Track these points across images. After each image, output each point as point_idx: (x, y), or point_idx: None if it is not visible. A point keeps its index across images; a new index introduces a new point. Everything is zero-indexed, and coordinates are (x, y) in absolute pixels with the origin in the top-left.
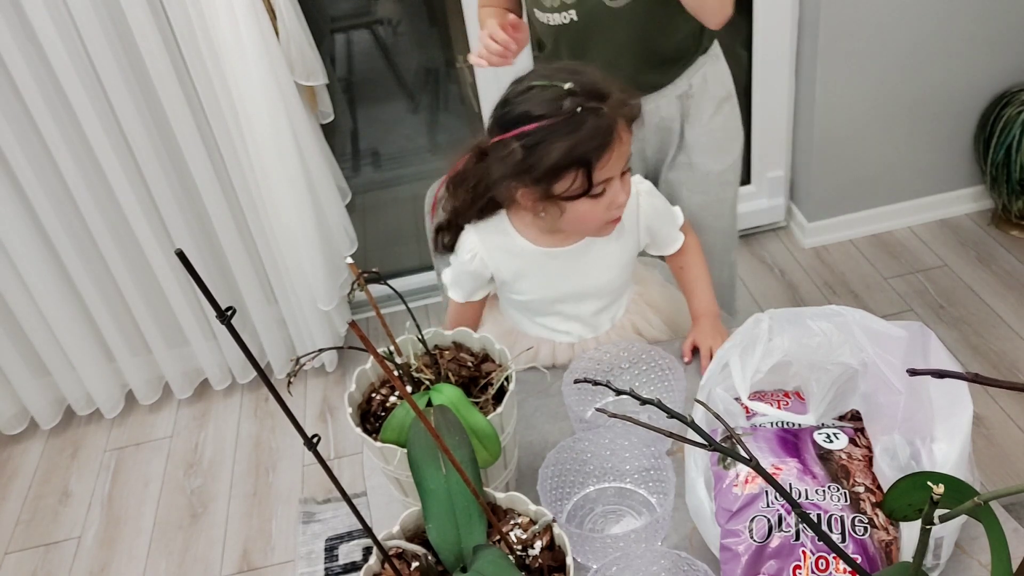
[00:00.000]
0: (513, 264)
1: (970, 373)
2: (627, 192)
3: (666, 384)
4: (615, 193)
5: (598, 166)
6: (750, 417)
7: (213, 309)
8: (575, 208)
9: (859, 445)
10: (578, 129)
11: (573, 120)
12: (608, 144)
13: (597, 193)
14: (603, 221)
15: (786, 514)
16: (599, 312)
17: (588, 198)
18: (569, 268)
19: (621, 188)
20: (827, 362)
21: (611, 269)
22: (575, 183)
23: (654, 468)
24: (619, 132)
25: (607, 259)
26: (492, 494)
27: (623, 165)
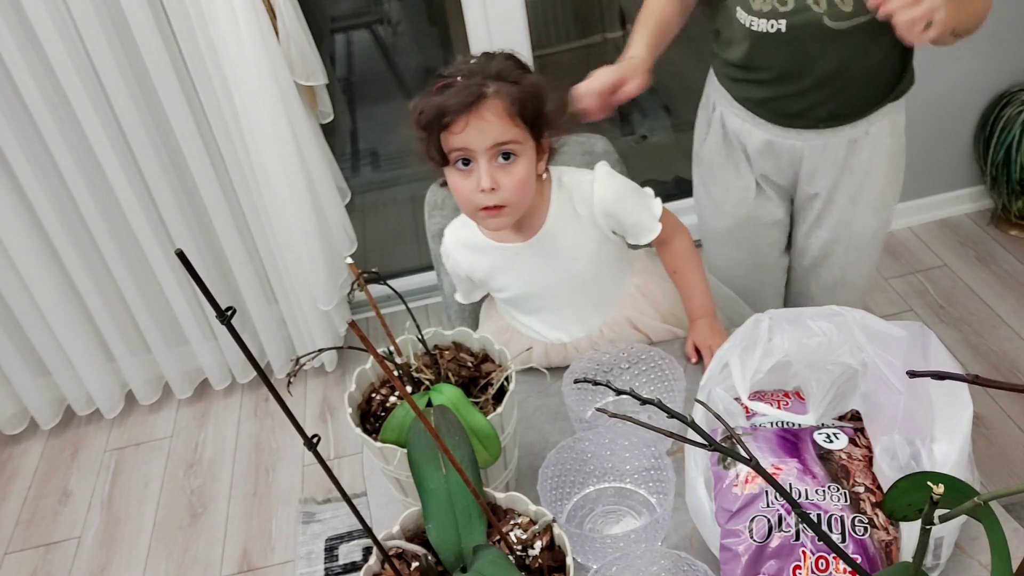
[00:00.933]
0: (481, 261)
1: (970, 374)
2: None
3: (666, 384)
4: (480, 175)
5: (451, 130)
6: (750, 417)
7: (213, 309)
8: (451, 180)
9: (859, 445)
10: (448, 93)
11: (450, 85)
12: (464, 110)
13: (457, 163)
14: (473, 204)
15: (786, 514)
16: (588, 309)
17: (456, 170)
18: (531, 261)
19: (486, 171)
20: (827, 362)
21: (576, 260)
22: (433, 147)
23: (654, 468)
24: (484, 106)
25: (568, 250)
26: (492, 494)
27: (488, 144)
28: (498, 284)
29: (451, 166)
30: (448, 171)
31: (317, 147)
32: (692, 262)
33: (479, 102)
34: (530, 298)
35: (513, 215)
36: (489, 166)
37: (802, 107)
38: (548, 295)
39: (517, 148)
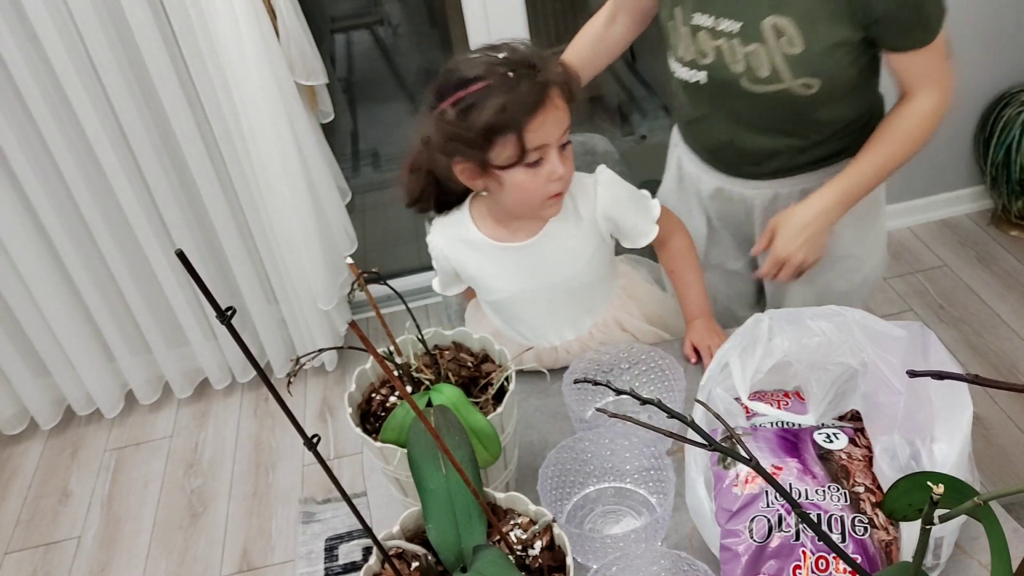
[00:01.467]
0: (474, 258)
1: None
2: (567, 166)
3: (666, 384)
4: (553, 164)
5: (530, 128)
6: (750, 417)
7: (213, 309)
8: (513, 179)
9: (859, 445)
10: (511, 90)
11: (506, 82)
12: (540, 104)
13: (533, 161)
14: (543, 195)
15: (786, 514)
16: (577, 311)
17: (524, 167)
18: (528, 263)
19: (559, 160)
20: (827, 362)
21: (575, 262)
22: (508, 149)
23: (654, 468)
24: (552, 96)
25: (567, 252)
26: (492, 494)
27: (559, 134)
28: (489, 285)
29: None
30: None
31: (317, 147)
32: (689, 262)
33: (548, 92)
34: (521, 301)
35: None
36: (559, 156)
37: (744, 159)
38: (541, 298)
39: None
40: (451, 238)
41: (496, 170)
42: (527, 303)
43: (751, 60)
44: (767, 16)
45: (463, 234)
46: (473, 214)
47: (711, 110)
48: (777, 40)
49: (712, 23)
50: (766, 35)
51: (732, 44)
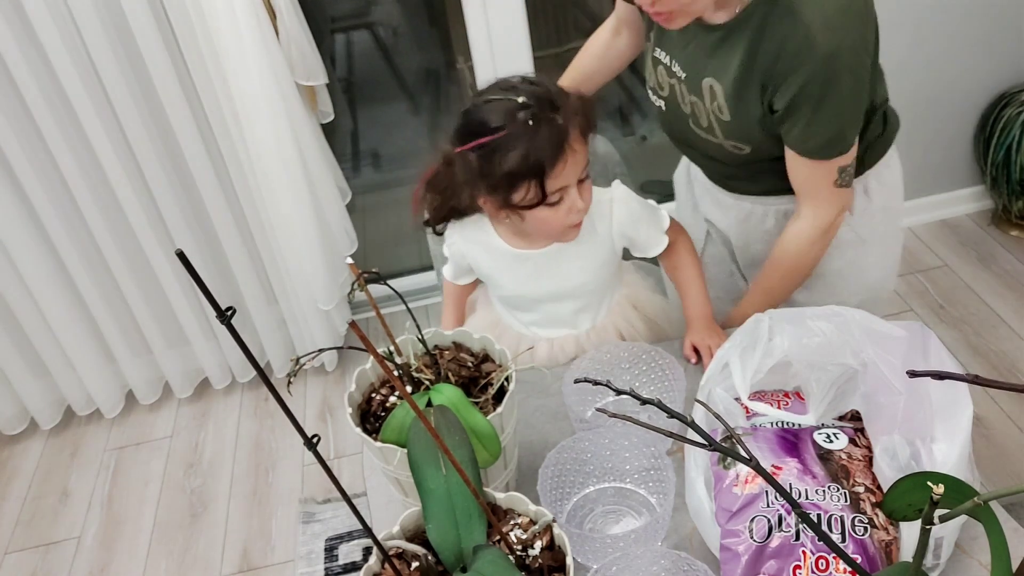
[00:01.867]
0: (490, 261)
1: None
2: (587, 197)
3: (666, 384)
4: (572, 200)
5: (551, 175)
6: (750, 417)
7: (213, 309)
8: (534, 216)
9: (859, 445)
10: (531, 139)
11: (527, 130)
12: (560, 154)
13: (554, 201)
14: (564, 226)
15: (786, 514)
16: (578, 312)
17: (546, 206)
18: (542, 270)
19: (579, 195)
20: (827, 362)
21: (584, 271)
22: (530, 193)
23: (654, 468)
24: (572, 142)
25: (579, 262)
26: (492, 494)
27: (579, 173)
28: (500, 283)
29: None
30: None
31: (317, 147)
32: (690, 265)
33: (567, 138)
34: (528, 299)
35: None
36: (579, 191)
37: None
38: (548, 300)
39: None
40: (469, 240)
41: (519, 209)
42: (533, 301)
43: (694, 108)
44: (706, 76)
45: (482, 238)
46: (493, 223)
47: (671, 134)
48: (711, 102)
49: (668, 61)
50: (704, 93)
51: (681, 88)
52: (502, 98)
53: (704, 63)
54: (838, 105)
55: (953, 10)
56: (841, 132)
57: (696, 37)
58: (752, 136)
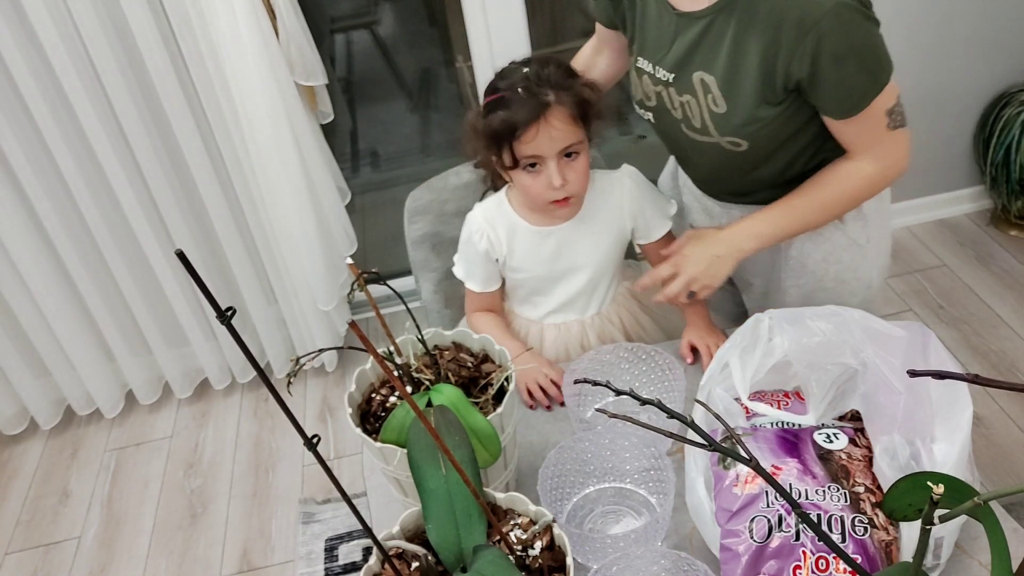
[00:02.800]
0: (511, 240)
1: (970, 374)
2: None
3: (666, 384)
4: (549, 173)
5: (522, 140)
6: (750, 417)
7: (213, 309)
8: (518, 179)
9: (859, 445)
10: (515, 104)
11: (515, 97)
12: (533, 121)
13: (529, 167)
14: (544, 200)
15: (786, 514)
16: (589, 294)
17: (525, 171)
18: (557, 246)
19: (557, 169)
20: (827, 362)
21: (597, 250)
22: (506, 155)
23: (654, 468)
24: (551, 117)
25: (593, 237)
26: (492, 494)
27: (557, 148)
28: (519, 263)
29: (519, 169)
30: (516, 173)
31: (317, 147)
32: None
33: (545, 112)
34: (540, 282)
35: (578, 203)
36: (558, 166)
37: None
38: (559, 281)
39: (579, 147)
40: (494, 223)
41: (506, 170)
42: (545, 283)
43: (686, 109)
44: (695, 71)
45: (504, 219)
46: (511, 201)
47: (666, 143)
48: (705, 96)
49: (651, 69)
50: (696, 88)
51: (669, 92)
52: (516, 68)
53: (690, 57)
54: (862, 52)
55: (953, 10)
56: (875, 77)
57: (678, 34)
58: (749, 128)
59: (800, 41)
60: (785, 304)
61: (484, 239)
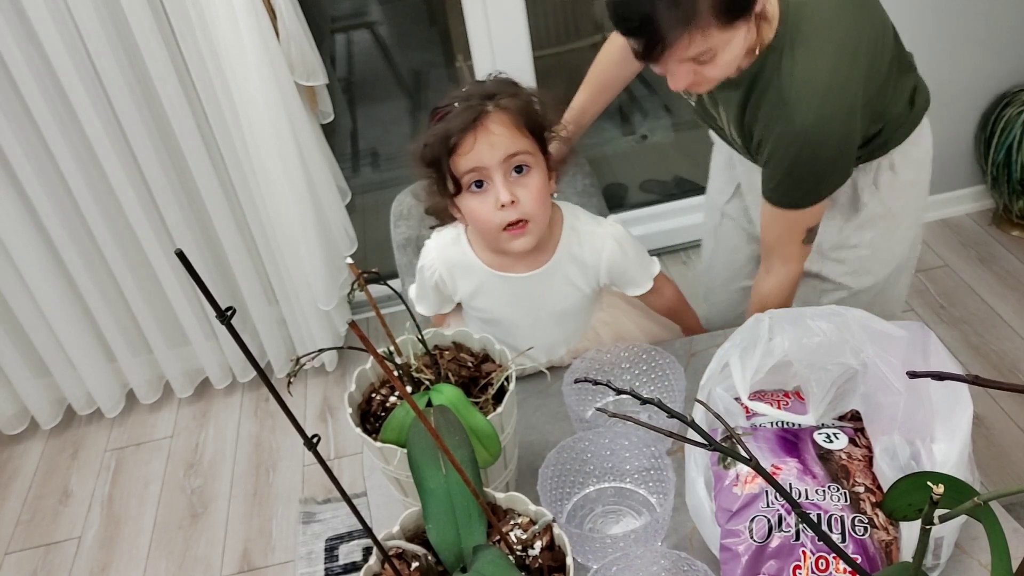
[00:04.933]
0: (469, 282)
1: (970, 374)
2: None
3: (666, 384)
4: (496, 189)
5: (460, 151)
6: (750, 417)
7: (213, 309)
8: (465, 206)
9: (859, 445)
10: (450, 119)
11: (450, 112)
12: (469, 128)
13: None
14: (497, 224)
15: (786, 514)
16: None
17: (470, 194)
18: (522, 294)
19: (504, 186)
20: (827, 362)
21: (567, 299)
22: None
23: (654, 468)
24: (489, 123)
25: (563, 289)
26: (492, 494)
27: (499, 156)
28: (480, 304)
29: (464, 192)
30: (462, 200)
31: (317, 147)
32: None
33: (482, 117)
34: (505, 323)
35: (536, 231)
36: (505, 181)
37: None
38: (523, 325)
39: (529, 159)
40: (450, 263)
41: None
42: (510, 325)
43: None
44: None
45: (462, 260)
46: (471, 240)
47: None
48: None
49: None
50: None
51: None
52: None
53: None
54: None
55: (953, 10)
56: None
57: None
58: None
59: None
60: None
61: (435, 274)
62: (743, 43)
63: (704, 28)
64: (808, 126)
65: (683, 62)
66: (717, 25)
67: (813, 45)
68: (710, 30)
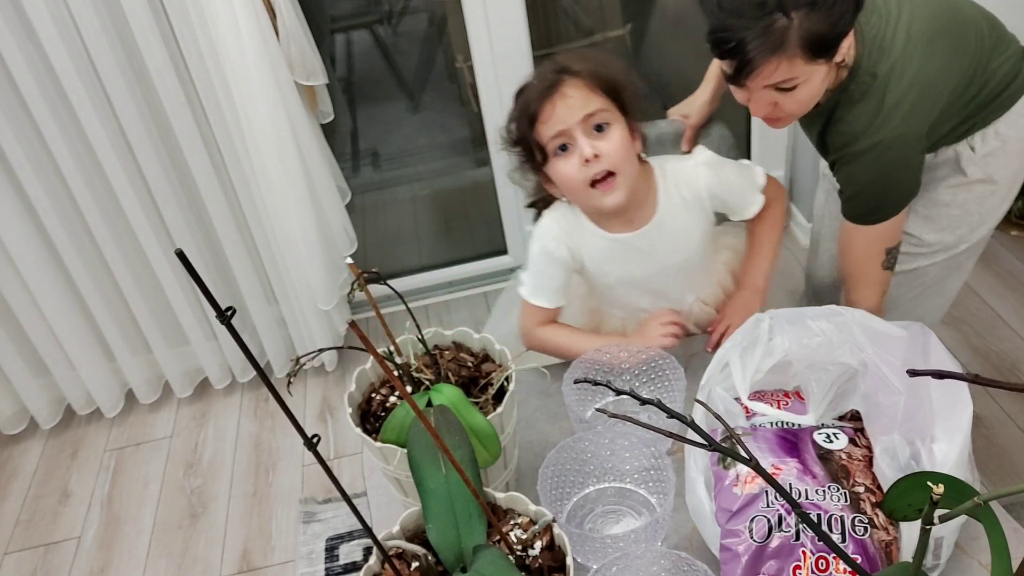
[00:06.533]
0: (589, 250)
1: (970, 374)
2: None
3: (666, 384)
4: (580, 146)
5: (541, 119)
6: (750, 417)
7: (213, 309)
8: (556, 173)
9: (859, 445)
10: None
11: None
12: (548, 95)
13: (559, 149)
14: (583, 180)
15: (786, 514)
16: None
17: (557, 157)
18: (641, 251)
19: (586, 142)
20: (827, 362)
21: (685, 247)
22: (535, 143)
23: (654, 468)
24: (564, 88)
25: (677, 237)
26: (492, 494)
27: (578, 116)
28: (602, 271)
29: (551, 159)
30: (550, 167)
31: (317, 147)
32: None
33: (557, 84)
34: (630, 285)
35: (625, 185)
36: (586, 138)
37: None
38: (650, 283)
39: (607, 116)
40: (570, 231)
41: (544, 170)
42: (636, 286)
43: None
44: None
45: (579, 229)
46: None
47: None
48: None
49: None
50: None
51: None
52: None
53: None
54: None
55: None
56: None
57: None
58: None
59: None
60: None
61: (562, 247)
62: (822, 82)
63: (791, 58)
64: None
65: (767, 88)
66: (803, 57)
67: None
68: (796, 61)
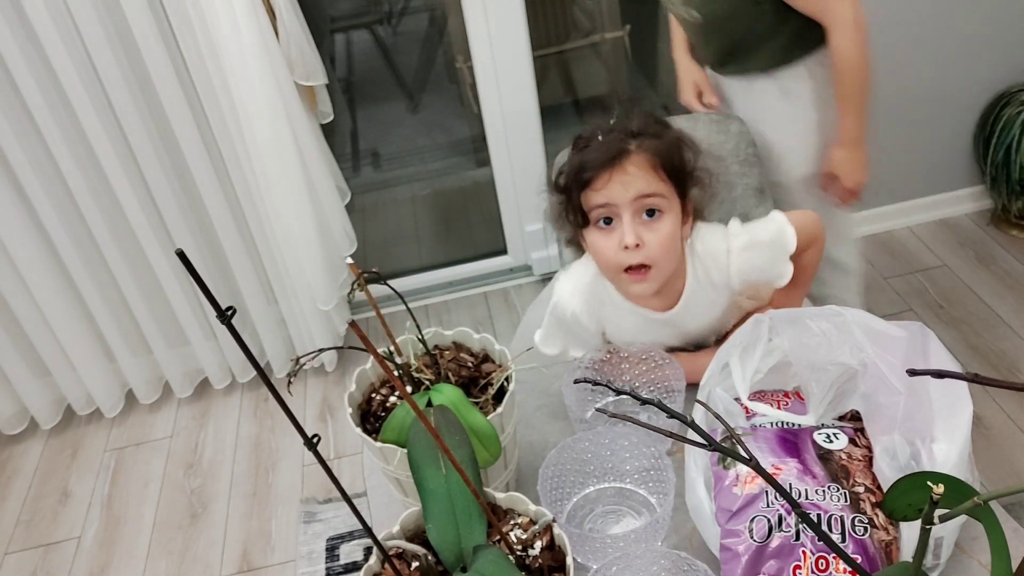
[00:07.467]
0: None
1: (970, 373)
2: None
3: (666, 384)
4: (623, 230)
5: (593, 187)
6: (750, 417)
7: (213, 309)
8: (592, 241)
9: (859, 445)
10: (590, 150)
11: (592, 143)
12: (606, 165)
13: (604, 223)
14: (616, 264)
15: (786, 514)
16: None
17: (597, 229)
18: (663, 330)
19: (631, 227)
20: (827, 362)
21: (705, 328)
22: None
23: (654, 468)
24: (627, 164)
25: (704, 318)
26: (492, 494)
27: (631, 195)
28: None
29: (591, 226)
30: (588, 232)
31: (317, 147)
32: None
33: (621, 156)
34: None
35: (658, 279)
36: (633, 221)
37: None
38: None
39: (662, 203)
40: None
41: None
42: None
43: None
44: None
45: (602, 302)
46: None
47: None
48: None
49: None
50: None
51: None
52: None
53: None
54: None
55: (953, 10)
56: None
57: None
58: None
59: None
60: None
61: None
62: None
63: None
64: None
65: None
66: None
67: None
68: None
